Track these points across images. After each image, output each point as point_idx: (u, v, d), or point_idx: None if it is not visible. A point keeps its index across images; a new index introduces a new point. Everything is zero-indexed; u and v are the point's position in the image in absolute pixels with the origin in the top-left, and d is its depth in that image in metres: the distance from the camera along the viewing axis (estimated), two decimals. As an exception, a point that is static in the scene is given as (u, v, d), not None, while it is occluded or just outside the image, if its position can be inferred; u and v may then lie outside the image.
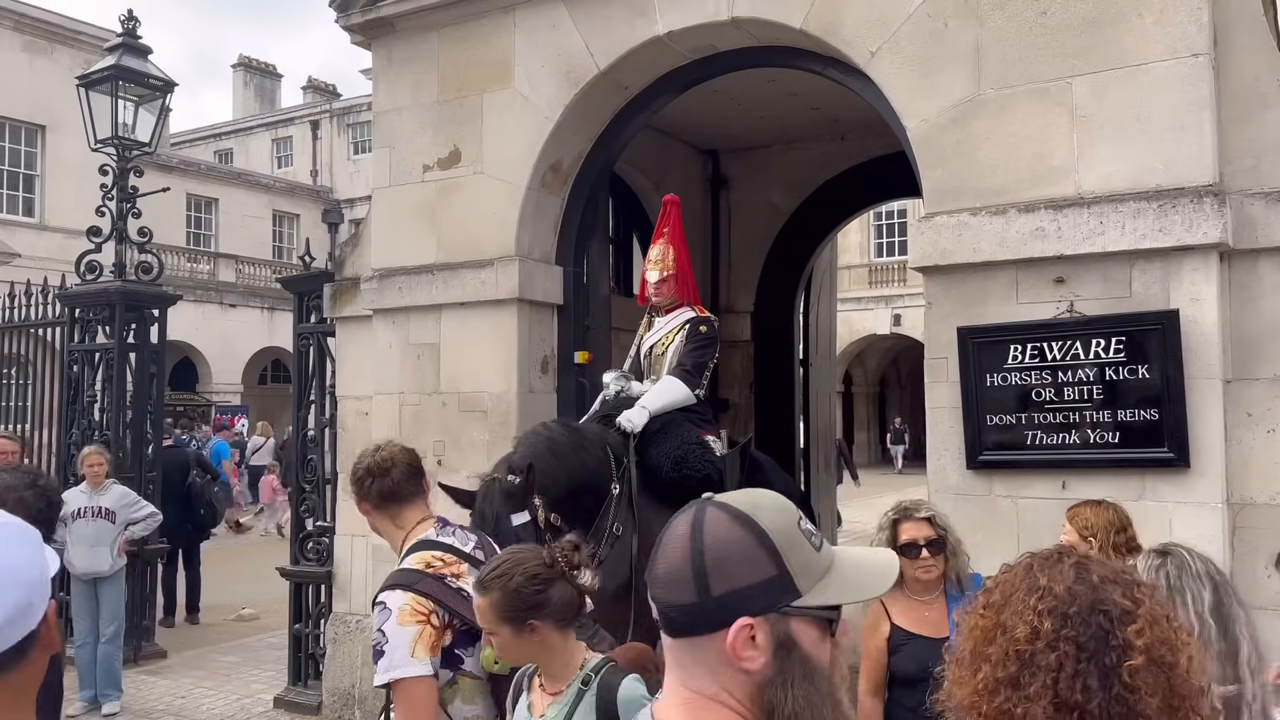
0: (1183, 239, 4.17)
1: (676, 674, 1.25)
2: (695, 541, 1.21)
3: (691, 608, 1.20)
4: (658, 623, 1.29)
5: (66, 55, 22.83)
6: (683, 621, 1.22)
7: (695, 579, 1.20)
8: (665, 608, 1.23)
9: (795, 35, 5.18)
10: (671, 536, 1.25)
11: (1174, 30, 4.29)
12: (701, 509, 1.25)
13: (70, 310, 8.78)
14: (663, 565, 1.24)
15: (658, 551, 1.26)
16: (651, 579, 1.25)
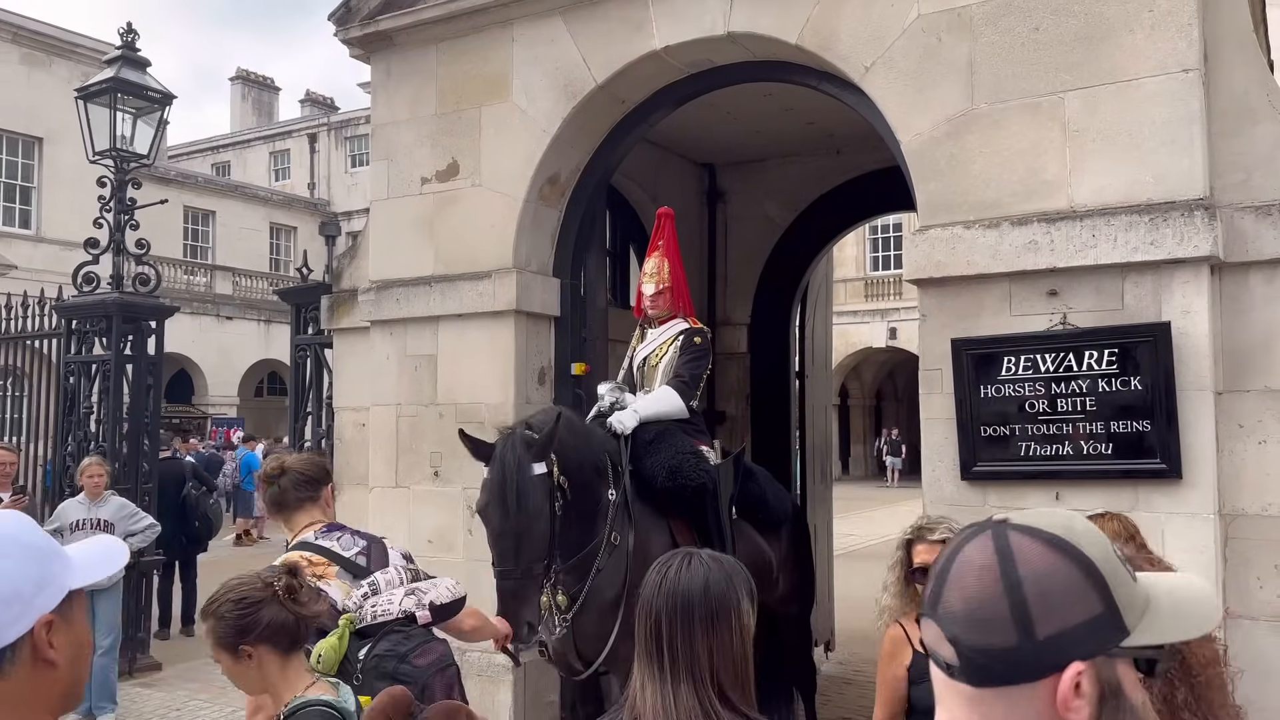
0: (1174, 252, 4.21)
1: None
2: (1007, 573, 1.03)
3: (1010, 652, 1.02)
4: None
5: (64, 68, 22.93)
6: (997, 669, 1.02)
7: (1015, 618, 1.02)
8: (972, 652, 1.03)
9: (791, 50, 5.23)
10: (966, 567, 1.06)
11: (1165, 46, 4.35)
12: (1001, 534, 1.07)
13: (67, 322, 8.79)
14: (962, 602, 1.04)
15: (945, 584, 1.07)
16: (947, 617, 1.06)
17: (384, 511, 6.40)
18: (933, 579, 1.09)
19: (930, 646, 1.08)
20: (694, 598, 1.92)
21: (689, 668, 1.88)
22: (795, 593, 6.18)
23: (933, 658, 1.08)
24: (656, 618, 1.91)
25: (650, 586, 1.96)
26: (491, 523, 4.17)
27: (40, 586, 1.25)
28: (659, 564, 2.02)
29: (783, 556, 5.89)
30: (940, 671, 1.07)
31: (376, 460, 6.48)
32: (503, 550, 4.17)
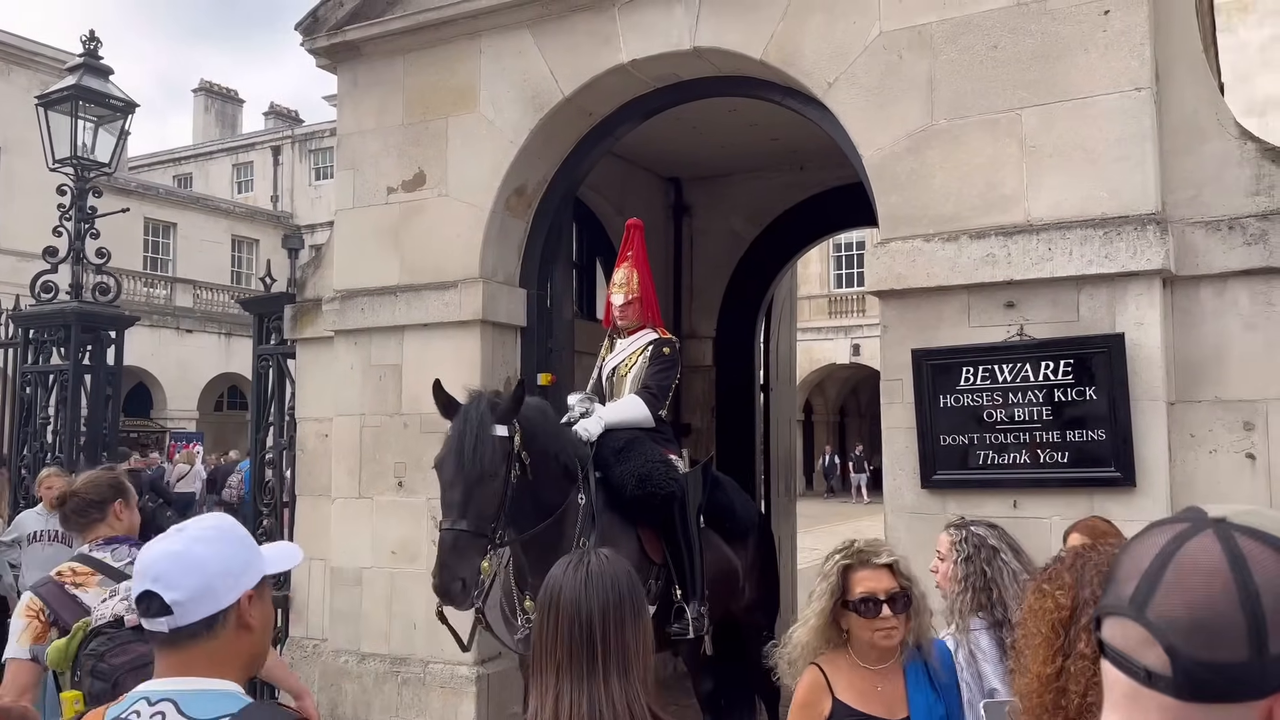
0: (1127, 265, 4.32)
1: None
2: (1244, 583, 0.92)
3: (1237, 669, 0.91)
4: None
5: (23, 77, 22.61)
6: (1219, 685, 0.92)
7: (1250, 632, 0.91)
8: (1194, 665, 0.92)
9: (755, 66, 5.31)
10: (1191, 571, 0.94)
11: (1118, 65, 4.47)
12: (1227, 536, 0.95)
13: (24, 331, 8.64)
14: (1186, 608, 0.93)
15: (1159, 586, 0.95)
16: (1164, 624, 0.94)
17: (346, 522, 6.36)
18: (1138, 577, 0.97)
19: (1124, 651, 0.96)
20: (622, 590, 1.92)
21: (619, 663, 1.86)
22: (761, 601, 6.21)
23: (1122, 662, 0.97)
24: (588, 615, 1.87)
25: (572, 586, 1.92)
26: (445, 475, 4.22)
27: (246, 568, 1.71)
28: (569, 565, 1.98)
29: (749, 565, 5.93)
30: (1127, 677, 0.96)
31: (339, 471, 6.43)
32: (449, 502, 4.19)
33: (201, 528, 1.71)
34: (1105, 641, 0.99)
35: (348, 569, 6.33)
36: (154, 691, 1.60)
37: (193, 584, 1.62)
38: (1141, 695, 0.95)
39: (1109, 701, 1.01)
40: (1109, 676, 1.00)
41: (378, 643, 6.17)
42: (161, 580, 1.62)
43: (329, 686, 6.28)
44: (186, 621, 1.61)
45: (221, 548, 1.68)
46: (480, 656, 5.84)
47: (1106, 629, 0.99)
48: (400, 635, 6.09)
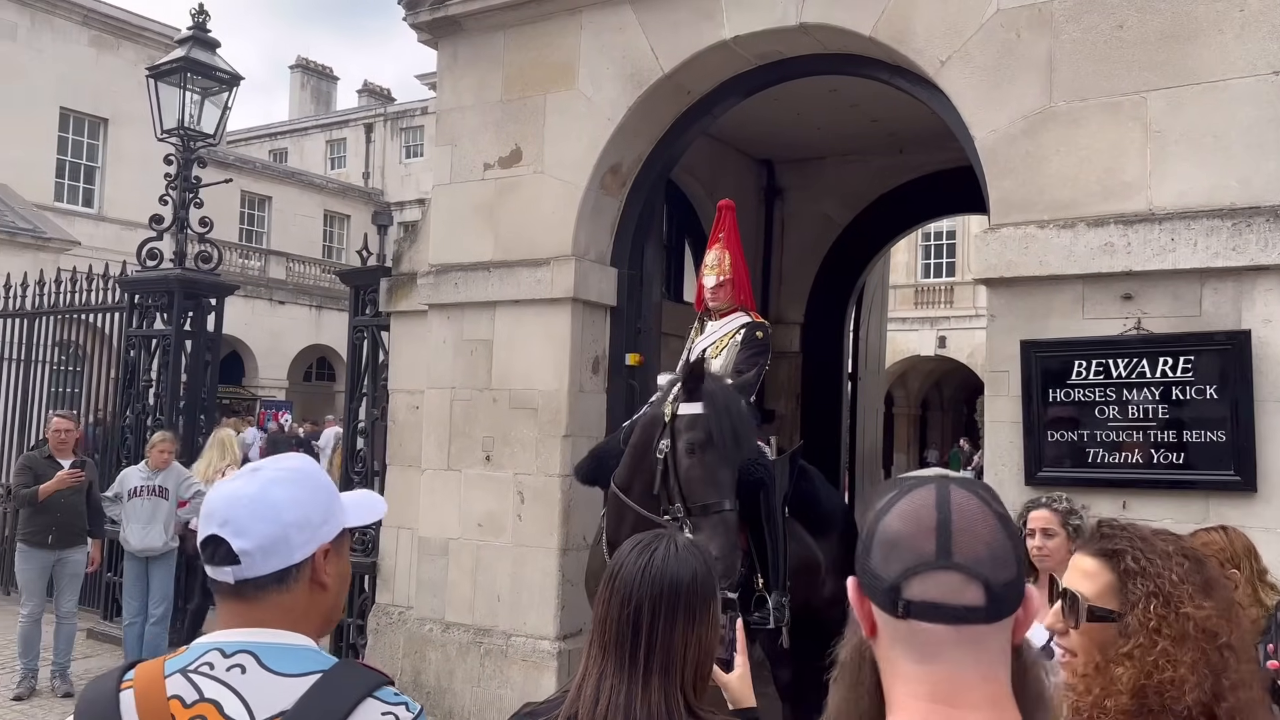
0: (1257, 259, 4.09)
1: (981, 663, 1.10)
2: (998, 514, 1.13)
3: (1015, 582, 1.11)
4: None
5: (131, 50, 23.37)
6: (1011, 599, 1.10)
7: (1015, 551, 1.12)
8: (1000, 588, 1.09)
9: (864, 43, 5.16)
10: (971, 515, 1.12)
11: (1254, 46, 4.22)
12: (961, 487, 1.15)
13: (130, 296, 8.94)
14: (985, 546, 1.10)
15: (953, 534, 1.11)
16: (974, 562, 1.10)
17: (435, 493, 6.43)
18: (934, 535, 1.10)
19: (942, 600, 1.08)
20: (682, 585, 1.81)
21: (664, 662, 1.77)
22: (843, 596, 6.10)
23: (940, 611, 1.08)
24: (638, 605, 1.78)
25: (631, 569, 1.84)
26: (710, 455, 4.28)
27: (325, 519, 1.52)
28: (638, 547, 1.89)
29: (833, 559, 5.82)
30: (943, 624, 1.08)
31: (429, 443, 6.51)
32: (721, 482, 4.27)
33: (280, 468, 1.52)
34: (915, 600, 1.08)
35: (434, 539, 6.40)
36: (227, 643, 1.43)
37: (265, 532, 1.44)
38: (958, 632, 1.08)
39: (911, 657, 1.11)
40: (917, 632, 1.09)
41: (462, 613, 6.23)
42: (230, 525, 1.44)
43: (413, 654, 6.37)
44: (254, 574, 1.44)
45: (300, 492, 1.49)
46: (562, 632, 5.86)
47: (914, 589, 1.08)
48: (484, 607, 6.14)
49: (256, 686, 1.39)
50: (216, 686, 1.40)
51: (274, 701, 1.38)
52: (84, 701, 1.44)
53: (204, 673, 1.41)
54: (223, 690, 1.39)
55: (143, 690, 1.40)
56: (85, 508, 7.01)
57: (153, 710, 1.38)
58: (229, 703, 1.38)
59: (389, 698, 1.42)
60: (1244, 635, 1.60)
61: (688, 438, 4.32)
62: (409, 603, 6.61)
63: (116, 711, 1.39)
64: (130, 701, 1.40)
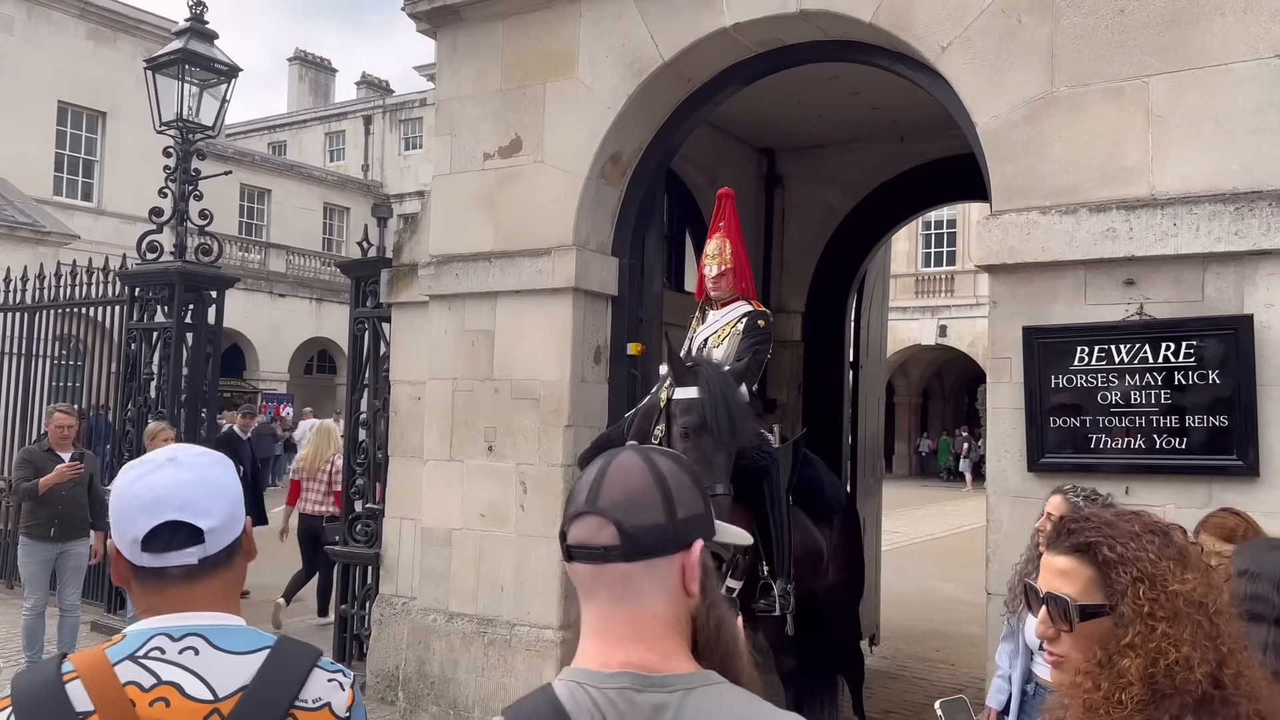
0: (1259, 243, 4.08)
1: (627, 599, 1.25)
2: (654, 470, 1.29)
3: (660, 527, 1.26)
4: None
5: (129, 43, 23.33)
6: (650, 541, 1.25)
7: (664, 501, 1.27)
8: (633, 529, 1.25)
9: (865, 30, 5.14)
10: (621, 470, 1.30)
11: (1256, 30, 4.20)
12: (642, 450, 1.34)
13: (130, 289, 8.94)
14: (623, 492, 1.27)
15: (603, 484, 1.29)
16: (610, 507, 1.26)
17: (437, 484, 6.44)
18: (588, 487, 1.29)
19: (586, 541, 1.26)
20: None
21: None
22: (845, 583, 6.12)
23: (585, 552, 1.26)
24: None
25: None
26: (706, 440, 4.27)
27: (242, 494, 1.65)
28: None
29: (834, 546, 5.84)
30: (587, 566, 1.26)
31: (431, 433, 6.51)
32: (718, 466, 4.26)
33: (199, 453, 1.60)
34: (571, 544, 1.28)
35: (437, 530, 6.41)
36: (172, 628, 1.48)
37: (222, 509, 1.54)
38: (602, 572, 1.25)
39: (581, 598, 1.29)
40: (576, 574, 1.29)
41: (465, 603, 6.24)
42: (190, 508, 1.51)
43: (417, 644, 6.39)
44: (215, 550, 1.53)
45: (228, 472, 1.60)
46: (565, 621, 5.87)
47: (571, 533, 1.28)
48: (487, 596, 6.15)
49: (212, 666, 1.46)
50: (172, 669, 1.44)
51: (232, 678, 1.45)
52: (25, 698, 1.41)
53: (155, 658, 1.45)
54: (180, 672, 1.44)
55: (92, 679, 1.42)
56: (87, 500, 7.02)
57: (109, 697, 1.40)
58: (189, 683, 1.44)
59: (329, 667, 1.55)
60: (1223, 596, 1.58)
61: (682, 422, 4.33)
62: (412, 593, 6.62)
63: (68, 702, 1.39)
64: (80, 691, 1.40)
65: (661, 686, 1.22)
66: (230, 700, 1.44)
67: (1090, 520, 1.64)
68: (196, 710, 1.42)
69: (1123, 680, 1.49)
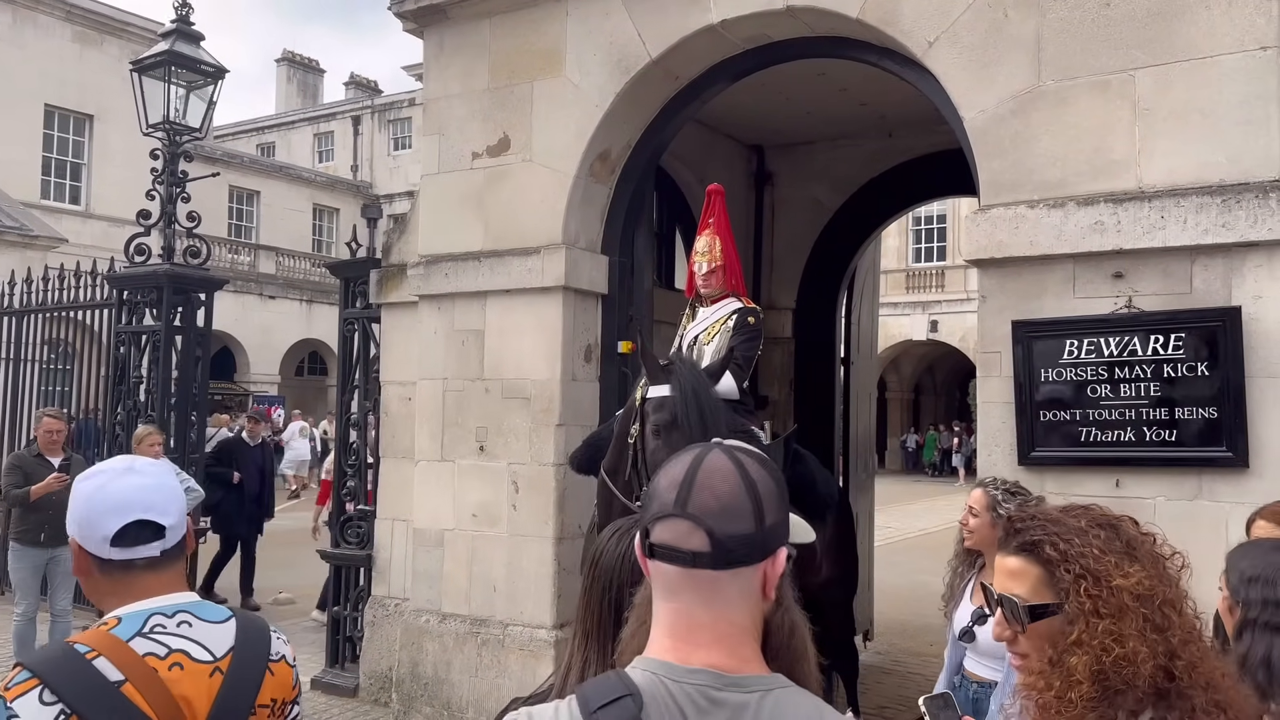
0: (1246, 235, 4.09)
1: (713, 605, 1.26)
2: (745, 476, 1.28)
3: (750, 536, 1.26)
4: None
5: (115, 46, 23.24)
6: (741, 551, 1.26)
7: (755, 509, 1.26)
8: (725, 538, 1.25)
9: (852, 25, 5.14)
10: (714, 474, 1.28)
11: (1241, 22, 4.21)
12: (729, 451, 1.32)
13: (119, 292, 8.90)
14: (715, 500, 1.26)
15: (694, 489, 1.27)
16: (702, 513, 1.26)
17: (428, 484, 6.42)
18: (677, 487, 1.27)
19: (674, 544, 1.26)
20: None
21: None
22: (839, 578, 6.12)
23: (672, 553, 1.26)
24: (619, 591, 1.76)
25: (611, 556, 1.83)
26: (676, 439, 4.16)
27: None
28: (620, 532, 1.89)
29: (828, 542, 5.83)
30: (677, 566, 1.25)
31: (422, 434, 6.49)
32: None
33: (148, 464, 1.92)
34: (656, 543, 1.27)
35: (429, 530, 6.39)
36: (163, 607, 1.79)
37: (177, 509, 1.87)
38: (690, 575, 1.25)
39: (659, 594, 1.29)
40: (659, 572, 1.28)
41: (458, 603, 6.23)
42: (154, 509, 1.82)
43: (410, 645, 6.37)
44: (172, 544, 1.84)
45: (174, 478, 1.94)
46: (559, 620, 5.87)
47: (656, 533, 1.27)
48: (480, 597, 6.14)
49: (205, 634, 1.80)
50: (177, 640, 1.76)
51: (221, 643, 1.80)
52: (57, 673, 1.64)
53: (160, 632, 1.75)
54: (184, 641, 1.76)
55: (114, 655, 1.69)
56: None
57: (135, 667, 1.68)
58: (193, 649, 1.76)
59: (276, 629, 1.96)
60: (1175, 588, 1.57)
61: (654, 420, 4.30)
62: (405, 594, 6.60)
63: (101, 675, 1.65)
64: (107, 664, 1.67)
65: (740, 686, 1.24)
66: (225, 659, 1.78)
67: (1036, 518, 1.63)
68: (204, 669, 1.75)
69: (1072, 678, 1.48)
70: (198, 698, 1.72)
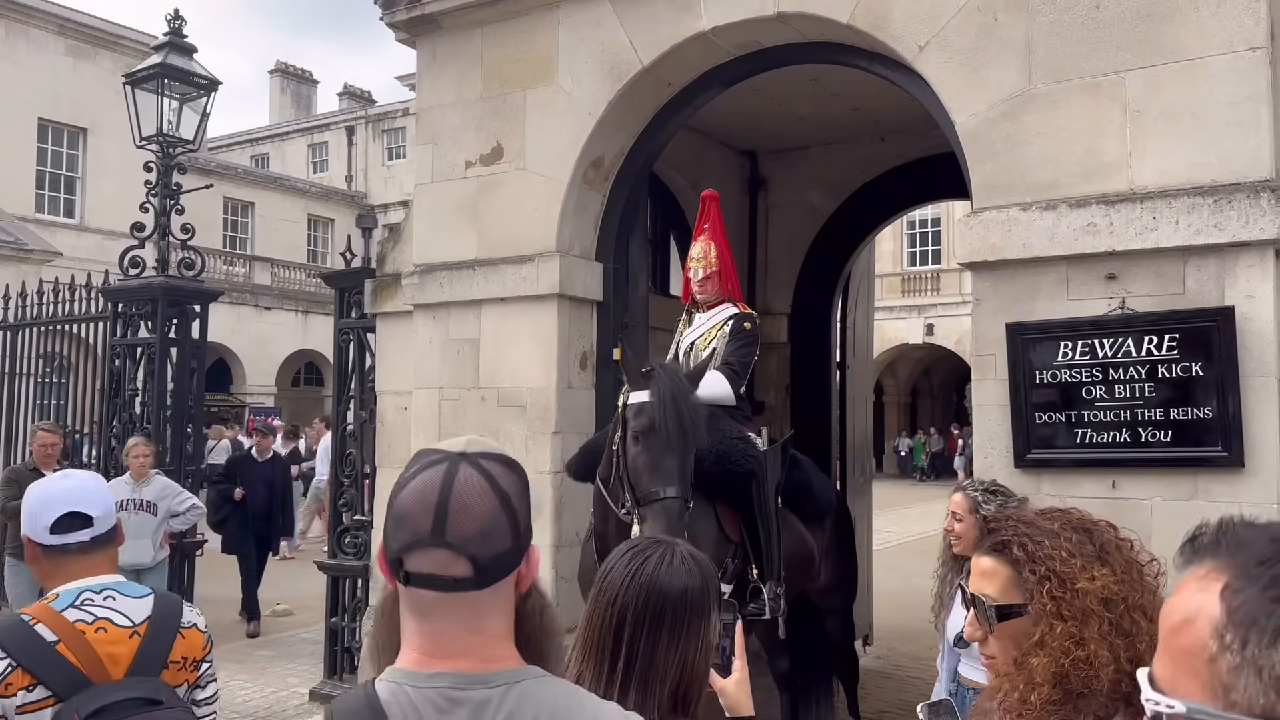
0: (1238, 235, 4.10)
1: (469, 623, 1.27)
2: (499, 492, 1.28)
3: (508, 553, 1.28)
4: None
5: (109, 59, 23.23)
6: (499, 569, 1.27)
7: (511, 525, 1.28)
8: (487, 561, 1.25)
9: (842, 30, 5.16)
10: (469, 496, 1.26)
11: (1230, 24, 4.23)
12: (477, 464, 1.30)
13: (114, 305, 8.88)
14: (475, 524, 1.25)
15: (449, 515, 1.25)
16: (463, 541, 1.24)
17: (425, 495, 6.40)
18: (433, 513, 1.24)
19: (434, 573, 1.24)
20: (670, 599, 1.74)
21: (643, 674, 1.70)
22: (838, 584, 6.11)
23: (432, 582, 1.24)
24: (622, 611, 1.73)
25: (620, 574, 1.79)
26: (654, 442, 4.18)
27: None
28: (633, 552, 1.84)
29: (826, 547, 5.83)
30: (433, 592, 1.24)
31: (418, 443, 6.47)
32: (667, 469, 4.15)
33: (78, 472, 2.57)
34: (413, 573, 1.25)
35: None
36: (93, 584, 2.27)
37: (103, 504, 2.39)
38: (448, 598, 1.25)
39: (411, 614, 1.28)
40: (414, 597, 1.27)
41: (456, 614, 6.21)
42: (83, 503, 2.32)
43: (408, 656, 6.35)
44: (101, 532, 2.33)
45: (99, 482, 2.53)
46: (557, 630, 5.85)
47: (413, 562, 1.25)
48: (478, 607, 6.12)
49: (126, 606, 2.27)
50: (103, 609, 2.23)
51: (139, 613, 2.27)
52: (5, 635, 2.14)
53: (88, 605, 2.23)
54: (108, 611, 2.24)
55: (50, 622, 2.17)
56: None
57: (67, 631, 2.16)
58: (115, 618, 2.23)
59: (189, 603, 2.44)
60: (1152, 593, 1.55)
61: (633, 426, 4.30)
62: (403, 604, 6.58)
63: (40, 637, 2.14)
64: (44, 629, 2.16)
65: (484, 684, 1.26)
66: (142, 625, 2.25)
67: (1011, 519, 1.63)
68: (125, 633, 2.22)
69: (1033, 680, 1.47)
70: (121, 655, 2.19)
